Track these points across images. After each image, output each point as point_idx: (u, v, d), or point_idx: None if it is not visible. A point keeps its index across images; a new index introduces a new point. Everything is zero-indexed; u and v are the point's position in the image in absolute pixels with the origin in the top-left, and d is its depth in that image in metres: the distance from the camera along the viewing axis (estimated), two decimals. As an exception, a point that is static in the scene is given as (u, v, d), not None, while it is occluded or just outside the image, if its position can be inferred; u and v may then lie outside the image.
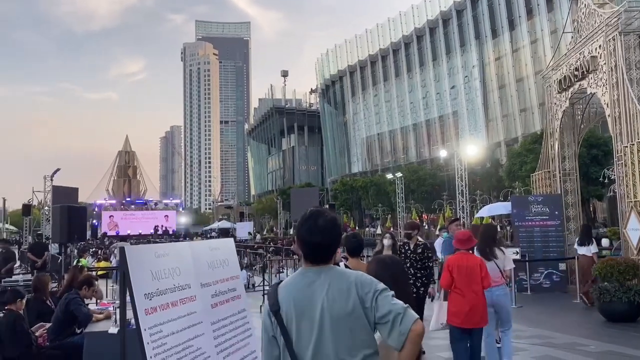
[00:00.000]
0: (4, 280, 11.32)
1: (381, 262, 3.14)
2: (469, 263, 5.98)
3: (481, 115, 60.97)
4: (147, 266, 2.74)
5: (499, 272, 6.45)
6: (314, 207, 2.41)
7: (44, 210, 25.59)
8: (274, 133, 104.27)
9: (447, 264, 6.16)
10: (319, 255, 2.32)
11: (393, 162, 72.01)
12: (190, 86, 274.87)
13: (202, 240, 4.24)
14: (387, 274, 2.90)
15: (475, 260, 6.07)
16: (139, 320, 2.56)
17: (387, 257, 3.31)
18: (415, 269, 7.48)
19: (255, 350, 3.72)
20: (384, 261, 3.16)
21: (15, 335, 5.85)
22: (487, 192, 40.82)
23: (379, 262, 3.14)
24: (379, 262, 3.14)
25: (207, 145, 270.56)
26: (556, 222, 14.36)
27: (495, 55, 59.38)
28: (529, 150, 34.77)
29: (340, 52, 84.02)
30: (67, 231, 10.35)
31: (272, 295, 2.36)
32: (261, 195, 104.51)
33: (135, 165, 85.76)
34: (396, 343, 2.17)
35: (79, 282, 6.96)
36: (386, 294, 2.25)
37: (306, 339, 2.24)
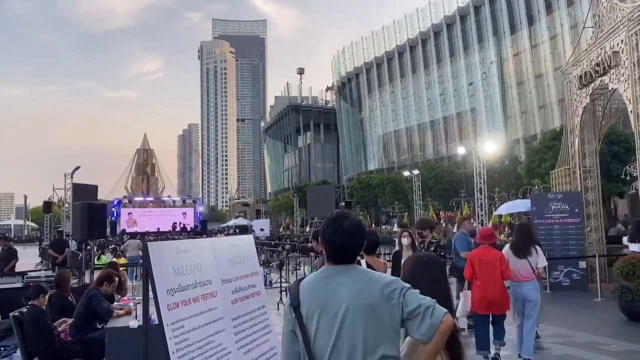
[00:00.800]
0: (26, 276, 11.51)
1: (419, 260, 2.79)
2: (490, 257, 6.62)
3: (499, 112, 60.37)
4: (169, 262, 2.76)
5: (531, 268, 6.88)
6: (339, 209, 2.48)
7: (64, 208, 25.96)
8: (290, 131, 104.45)
9: (470, 257, 6.84)
10: (343, 256, 2.38)
11: (410, 159, 71.66)
12: (207, 84, 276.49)
13: (222, 237, 4.28)
14: (425, 275, 2.67)
15: (496, 255, 6.69)
16: (162, 316, 2.58)
17: (425, 255, 2.92)
18: None
19: (275, 347, 3.74)
20: (421, 260, 2.79)
21: (39, 330, 5.95)
22: (506, 189, 40.40)
23: (416, 260, 2.81)
24: (416, 261, 2.80)
25: (223, 143, 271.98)
26: (576, 220, 14.16)
27: (513, 51, 58.72)
28: (548, 147, 34.34)
29: (357, 49, 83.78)
30: (87, 228, 10.47)
31: (294, 290, 2.41)
32: (277, 192, 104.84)
33: (153, 163, 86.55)
34: (426, 335, 2.21)
35: (99, 279, 7.06)
36: (413, 290, 2.30)
37: (326, 335, 2.27)
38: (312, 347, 2.27)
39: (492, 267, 6.56)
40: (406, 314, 2.24)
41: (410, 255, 3.00)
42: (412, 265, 2.76)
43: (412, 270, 2.72)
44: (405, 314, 2.24)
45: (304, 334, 2.30)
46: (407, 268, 2.77)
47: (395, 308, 2.25)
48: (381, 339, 2.23)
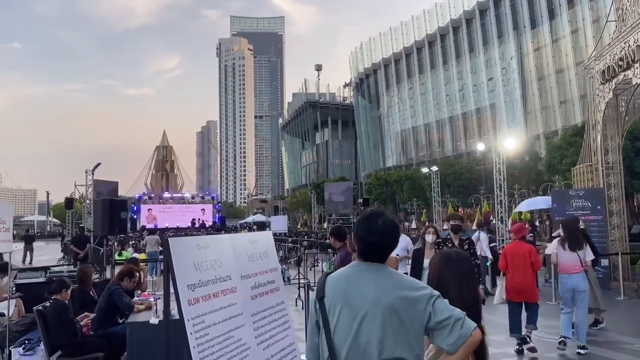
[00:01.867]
0: (49, 271, 11.71)
1: (446, 257, 2.71)
2: (521, 250, 7.39)
3: (519, 108, 59.62)
4: (189, 258, 2.79)
5: (579, 261, 7.47)
6: (374, 208, 2.52)
7: (86, 204, 26.32)
8: (307, 127, 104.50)
9: (504, 250, 7.77)
10: (375, 254, 2.39)
11: (428, 155, 71.20)
12: (225, 81, 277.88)
13: (242, 233, 4.32)
14: (452, 272, 2.63)
15: (526, 248, 7.49)
16: (182, 311, 2.60)
17: (453, 251, 2.82)
18: None
19: (294, 343, 3.74)
20: (449, 256, 2.71)
21: (62, 324, 6.04)
22: (526, 186, 39.93)
23: (443, 257, 2.73)
24: (443, 258, 2.72)
25: (241, 140, 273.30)
26: (598, 217, 13.95)
27: (534, 46, 57.89)
28: (569, 143, 33.84)
29: (375, 45, 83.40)
30: (108, 224, 10.63)
31: (321, 282, 2.45)
32: (295, 189, 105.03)
33: (172, 160, 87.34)
34: (452, 346, 2.23)
35: (120, 274, 7.15)
36: (443, 299, 2.31)
37: (345, 329, 2.29)
38: (332, 339, 2.30)
39: (522, 259, 7.29)
40: (434, 323, 2.25)
41: (436, 253, 2.94)
42: (439, 262, 2.72)
43: (439, 267, 2.69)
44: (433, 323, 2.25)
45: (325, 326, 2.33)
46: (433, 265, 2.73)
47: (420, 314, 2.25)
48: (398, 342, 2.23)
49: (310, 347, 2.48)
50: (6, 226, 7.20)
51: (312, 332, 2.45)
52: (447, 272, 2.61)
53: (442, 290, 2.45)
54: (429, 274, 2.77)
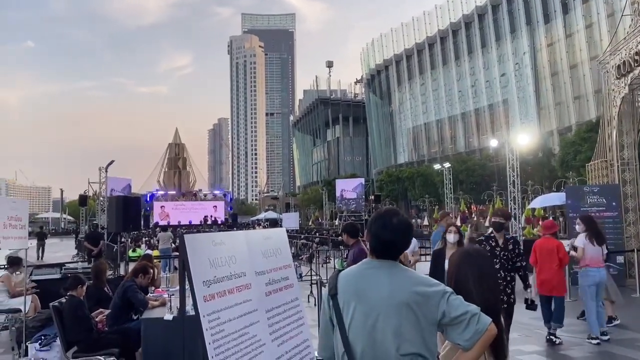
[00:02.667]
0: (64, 267, 11.83)
1: (464, 254, 2.69)
2: (550, 246, 7.64)
3: (533, 104, 59.12)
4: (205, 254, 2.79)
5: (602, 255, 7.81)
6: (389, 207, 2.52)
7: (99, 201, 26.53)
8: (319, 124, 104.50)
9: (534, 246, 7.90)
10: (387, 251, 2.39)
11: (440, 152, 70.89)
12: (236, 79, 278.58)
13: (256, 230, 4.33)
14: (471, 270, 2.59)
15: (555, 243, 7.69)
16: (198, 307, 2.61)
17: (472, 248, 2.82)
18: (506, 271, 5.99)
19: (308, 339, 3.74)
20: (467, 253, 2.70)
21: (78, 319, 6.10)
22: (539, 182, 39.58)
23: (462, 254, 2.71)
24: (462, 255, 2.70)
25: (253, 137, 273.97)
26: (613, 214, 13.79)
27: (547, 41, 57.33)
28: (583, 139, 33.57)
29: (386, 41, 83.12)
30: (122, 221, 10.72)
31: (333, 280, 2.46)
32: (306, 186, 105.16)
33: (185, 157, 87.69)
34: (469, 342, 2.23)
35: (134, 270, 7.20)
36: (457, 295, 2.30)
37: (360, 326, 2.30)
38: (348, 335, 2.31)
39: (551, 254, 7.54)
40: (449, 319, 2.24)
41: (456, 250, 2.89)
42: (458, 259, 2.69)
43: (458, 264, 2.66)
44: (448, 319, 2.25)
45: (340, 323, 2.34)
46: (452, 262, 2.70)
47: (433, 310, 2.25)
48: (414, 338, 2.24)
49: (324, 344, 2.50)
50: (22, 223, 7.29)
51: (326, 328, 2.47)
52: (465, 271, 2.58)
53: (461, 288, 2.43)
54: (447, 271, 2.74)
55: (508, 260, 6.00)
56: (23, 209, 7.43)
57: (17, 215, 7.15)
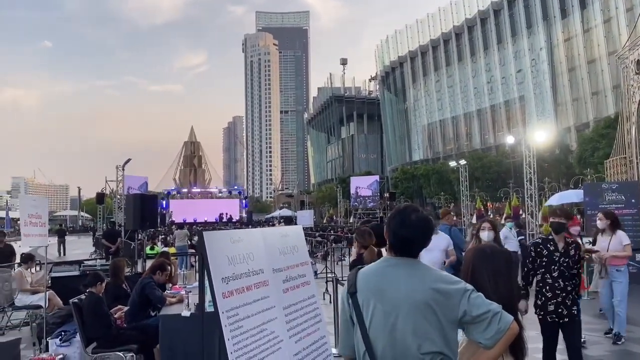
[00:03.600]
0: (83, 264, 11.98)
1: (480, 252, 2.67)
2: None
3: (549, 100, 58.46)
4: (223, 251, 2.82)
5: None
6: (408, 203, 2.50)
7: (116, 199, 26.80)
8: (333, 122, 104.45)
9: None
10: (406, 248, 2.37)
11: (456, 149, 70.45)
12: (251, 77, 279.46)
13: (273, 227, 4.37)
14: (486, 268, 2.57)
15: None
16: (217, 303, 2.64)
17: (488, 246, 2.79)
18: (566, 280, 5.22)
19: (325, 336, 3.76)
20: (482, 251, 2.67)
21: (97, 316, 6.18)
22: (556, 179, 39.20)
23: (477, 252, 2.68)
24: (477, 253, 2.67)
25: (267, 135, 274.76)
26: (633, 211, 13.59)
27: (564, 36, 56.61)
28: (601, 136, 33.16)
29: (401, 37, 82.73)
30: (140, 218, 10.83)
31: (352, 278, 2.44)
32: (321, 183, 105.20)
33: (200, 155, 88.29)
34: (490, 340, 2.22)
35: (152, 267, 7.27)
36: (478, 293, 2.28)
37: (380, 325, 2.28)
38: (368, 334, 2.30)
39: None
40: (471, 318, 2.23)
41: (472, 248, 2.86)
42: (473, 257, 2.66)
43: (473, 262, 2.63)
44: (469, 317, 2.23)
45: (360, 321, 2.33)
46: (467, 260, 2.67)
47: (453, 309, 2.23)
48: (436, 336, 2.22)
49: (345, 342, 2.49)
50: (42, 221, 7.42)
51: (346, 326, 2.46)
52: (481, 268, 2.56)
53: (476, 286, 2.42)
54: (462, 269, 2.72)
55: (569, 267, 5.22)
56: (43, 206, 7.56)
57: (37, 213, 7.28)
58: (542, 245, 5.34)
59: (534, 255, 5.36)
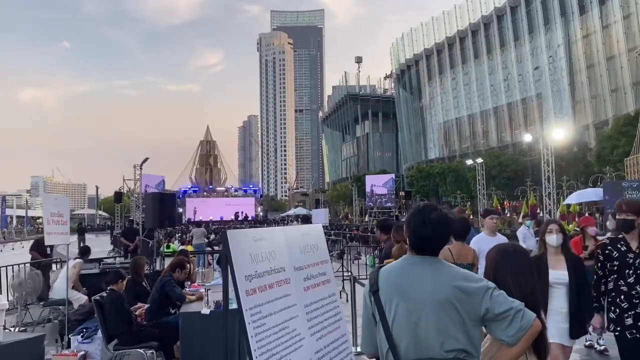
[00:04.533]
0: (102, 262, 12.15)
1: (503, 251, 2.67)
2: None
3: (567, 97, 57.72)
4: (246, 249, 2.85)
5: None
6: (427, 202, 2.52)
7: (134, 198, 27.08)
8: (348, 120, 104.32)
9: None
10: (427, 247, 2.39)
11: (472, 147, 69.92)
12: (266, 76, 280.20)
13: (294, 226, 4.40)
14: (509, 267, 2.56)
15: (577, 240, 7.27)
16: (241, 301, 2.66)
17: (511, 245, 2.79)
18: None
19: (346, 334, 3.78)
20: (506, 251, 2.67)
21: (118, 313, 6.27)
22: (574, 177, 38.72)
23: (499, 251, 2.68)
24: (499, 252, 2.67)
25: (282, 134, 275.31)
26: (654, 210, 13.39)
27: (583, 32, 55.84)
28: (621, 133, 32.70)
29: (416, 35, 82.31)
30: (158, 217, 10.93)
31: (373, 276, 2.47)
32: (336, 182, 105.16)
33: (216, 154, 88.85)
34: (513, 338, 2.23)
35: (172, 265, 7.34)
36: (501, 291, 2.29)
37: (403, 323, 2.30)
38: (391, 332, 2.32)
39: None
40: (493, 315, 2.23)
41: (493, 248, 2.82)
42: (495, 257, 2.65)
43: (495, 262, 2.63)
44: (491, 315, 2.24)
45: (382, 320, 2.35)
46: (490, 260, 2.67)
47: (476, 307, 2.24)
48: (458, 334, 2.24)
49: (367, 339, 2.52)
50: (64, 219, 7.53)
51: (369, 325, 2.49)
52: (504, 267, 2.56)
53: (500, 285, 2.41)
54: (485, 269, 2.71)
55: None
56: (64, 205, 7.68)
57: (59, 212, 7.40)
58: (611, 247, 4.56)
59: (603, 260, 4.58)
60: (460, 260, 4.94)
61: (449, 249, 5.05)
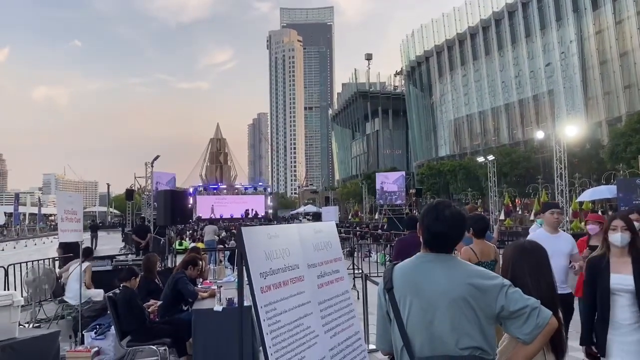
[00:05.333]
0: (114, 259, 12.24)
1: (520, 248, 2.68)
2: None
3: (579, 94, 57.16)
4: (261, 247, 2.85)
5: None
6: (441, 199, 2.51)
7: (145, 195, 27.22)
8: (358, 117, 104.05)
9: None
10: (441, 244, 2.37)
11: (483, 144, 69.47)
12: (275, 74, 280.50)
13: (307, 223, 4.39)
14: (526, 264, 2.56)
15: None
16: (256, 298, 2.67)
17: (527, 242, 2.79)
18: None
19: (360, 331, 3.78)
20: (523, 247, 2.68)
21: (131, 310, 6.31)
22: (587, 175, 38.37)
23: (517, 248, 2.69)
24: (517, 249, 2.68)
25: (292, 132, 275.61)
26: (669, 207, 13.25)
27: (595, 28, 55.23)
28: (634, 130, 32.36)
29: (427, 31, 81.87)
30: (170, 214, 10.99)
31: (388, 274, 2.46)
32: (345, 180, 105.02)
33: (226, 152, 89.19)
34: (529, 336, 2.21)
35: (184, 262, 7.38)
36: (516, 289, 2.27)
37: (418, 320, 2.29)
38: (406, 329, 2.31)
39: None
40: (508, 313, 2.22)
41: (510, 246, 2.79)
42: (513, 253, 2.64)
43: (513, 258, 2.61)
44: (507, 313, 2.22)
45: (397, 317, 2.34)
46: (507, 257, 2.65)
47: (491, 304, 2.23)
48: (473, 331, 2.22)
49: (382, 337, 2.51)
50: (77, 217, 7.59)
51: (383, 322, 2.48)
52: (522, 264, 2.54)
53: (517, 283, 2.40)
54: (502, 266, 2.70)
55: None
56: (78, 202, 7.74)
57: (72, 209, 7.45)
58: None
59: None
60: (483, 259, 4.93)
61: (472, 248, 5.02)
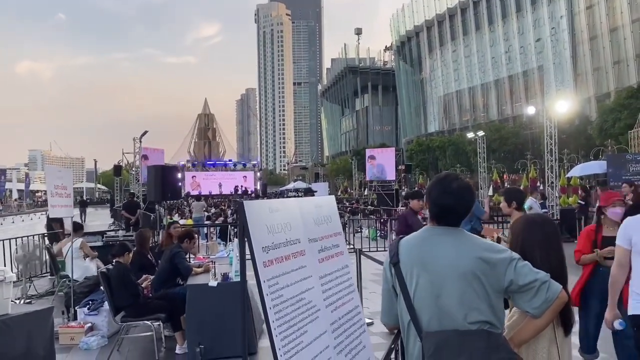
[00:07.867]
0: (105, 235, 12.16)
1: (530, 221, 2.70)
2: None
3: (569, 70, 57.24)
4: (263, 221, 2.80)
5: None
6: (449, 171, 2.47)
7: (133, 171, 26.98)
8: (347, 93, 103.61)
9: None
10: (448, 217, 2.33)
11: (472, 120, 69.63)
12: (264, 48, 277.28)
13: (308, 197, 4.37)
14: (537, 236, 2.56)
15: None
16: (258, 272, 2.62)
17: (537, 215, 2.82)
18: None
19: (359, 306, 3.77)
20: (532, 220, 2.70)
21: (125, 285, 6.26)
22: (575, 150, 38.64)
23: (527, 221, 2.70)
24: (527, 222, 2.69)
25: (280, 107, 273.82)
26: (658, 182, 13.38)
27: (586, 3, 55.05)
28: (623, 106, 32.53)
29: (417, 6, 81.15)
30: (161, 190, 10.89)
31: (394, 248, 2.42)
32: (335, 156, 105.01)
33: (214, 128, 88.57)
34: (538, 310, 2.19)
35: (180, 236, 7.32)
36: (525, 262, 2.24)
37: (425, 294, 2.26)
38: (413, 304, 2.28)
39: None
40: (517, 287, 2.19)
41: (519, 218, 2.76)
42: (523, 226, 2.63)
43: (523, 230, 2.60)
44: (515, 287, 2.20)
45: (404, 292, 2.31)
46: (516, 230, 2.63)
47: (499, 278, 2.20)
48: (482, 305, 2.20)
49: (388, 311, 2.48)
50: (67, 192, 7.48)
51: (389, 297, 2.46)
52: (531, 238, 2.52)
53: (526, 256, 2.37)
54: (512, 238, 2.68)
55: None
56: (68, 178, 7.61)
57: (62, 184, 7.33)
58: None
59: None
60: None
61: None
